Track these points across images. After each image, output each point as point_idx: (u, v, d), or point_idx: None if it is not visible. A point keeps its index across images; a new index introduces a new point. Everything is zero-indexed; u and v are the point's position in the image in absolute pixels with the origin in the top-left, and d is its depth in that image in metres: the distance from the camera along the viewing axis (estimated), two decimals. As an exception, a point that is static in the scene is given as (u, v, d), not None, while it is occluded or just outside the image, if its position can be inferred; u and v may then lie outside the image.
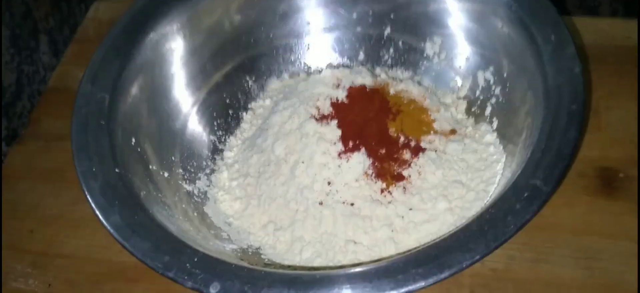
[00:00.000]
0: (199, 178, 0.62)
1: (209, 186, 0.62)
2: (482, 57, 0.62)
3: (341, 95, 0.61)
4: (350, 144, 0.57)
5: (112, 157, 0.53)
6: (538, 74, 0.53)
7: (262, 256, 0.56)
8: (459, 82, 0.65)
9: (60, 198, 0.65)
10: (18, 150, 0.70)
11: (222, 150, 0.65)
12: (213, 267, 0.45)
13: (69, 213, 0.64)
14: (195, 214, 0.58)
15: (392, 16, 0.67)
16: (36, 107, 0.73)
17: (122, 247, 0.47)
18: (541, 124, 0.50)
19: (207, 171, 0.63)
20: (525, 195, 0.45)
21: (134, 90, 0.59)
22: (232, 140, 0.66)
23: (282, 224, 0.57)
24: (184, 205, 0.58)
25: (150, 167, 0.57)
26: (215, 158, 0.65)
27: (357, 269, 0.44)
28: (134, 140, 0.57)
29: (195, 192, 0.61)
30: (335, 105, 0.60)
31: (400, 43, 0.68)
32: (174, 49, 0.63)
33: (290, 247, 0.56)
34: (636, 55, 0.68)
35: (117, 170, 0.52)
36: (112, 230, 0.47)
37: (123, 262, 0.59)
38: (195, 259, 0.46)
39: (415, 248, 0.45)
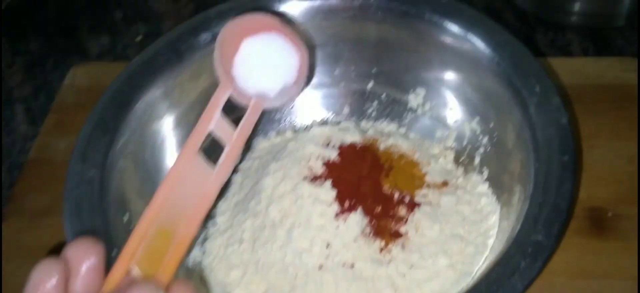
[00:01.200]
0: (192, 249, 0.61)
1: (203, 255, 0.61)
2: (466, 108, 0.63)
3: (332, 154, 0.61)
4: (347, 203, 0.57)
5: (107, 238, 0.52)
6: (526, 126, 0.54)
7: (264, 324, 0.56)
8: (445, 132, 0.66)
9: (49, 277, 0.63)
10: (2, 229, 0.67)
11: (213, 216, 0.65)
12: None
13: None
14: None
15: (374, 71, 0.68)
16: (17, 182, 0.72)
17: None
18: (534, 176, 0.51)
19: (200, 239, 0.63)
20: (529, 251, 0.46)
21: (124, 164, 0.58)
22: (223, 205, 0.65)
23: (282, 290, 0.57)
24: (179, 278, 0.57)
25: (145, 243, 0.56)
26: (207, 225, 0.64)
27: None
28: (126, 216, 0.56)
29: (190, 263, 0.60)
30: (328, 164, 0.60)
31: (383, 96, 0.69)
32: (162, 116, 0.62)
33: (292, 313, 0.56)
34: (612, 93, 0.70)
35: (113, 254, 0.50)
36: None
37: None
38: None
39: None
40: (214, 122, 0.42)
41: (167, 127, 0.63)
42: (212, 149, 0.61)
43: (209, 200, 0.40)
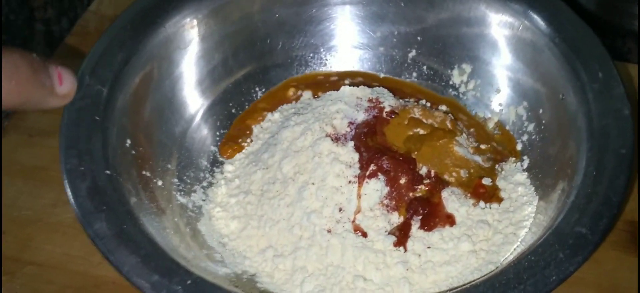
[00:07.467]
0: (195, 191, 0.56)
1: (204, 200, 0.56)
2: (515, 90, 0.58)
3: (361, 116, 0.56)
4: (369, 168, 0.52)
5: (104, 157, 0.47)
6: (581, 113, 0.49)
7: (258, 284, 0.50)
8: (487, 114, 0.60)
9: (40, 199, 0.59)
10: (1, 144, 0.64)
11: (222, 163, 0.60)
12: (207, 293, 0.40)
13: (47, 216, 0.58)
14: (188, 230, 0.53)
15: (419, 38, 0.62)
16: (23, 98, 0.68)
17: (106, 259, 0.41)
18: (585, 167, 0.45)
19: (204, 184, 0.58)
20: (570, 243, 0.40)
21: (136, 86, 0.53)
22: (234, 153, 0.61)
23: (283, 251, 0.51)
24: (176, 219, 0.52)
25: (144, 172, 0.52)
26: (214, 171, 0.59)
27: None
28: (129, 141, 0.51)
29: (190, 205, 0.55)
30: (354, 125, 0.55)
31: (424, 67, 0.63)
32: (184, 47, 0.58)
33: (291, 277, 0.50)
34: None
35: (107, 172, 0.46)
36: (95, 239, 0.42)
37: (101, 276, 0.53)
38: (188, 282, 0.40)
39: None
40: None
41: (187, 59, 0.58)
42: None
43: None
